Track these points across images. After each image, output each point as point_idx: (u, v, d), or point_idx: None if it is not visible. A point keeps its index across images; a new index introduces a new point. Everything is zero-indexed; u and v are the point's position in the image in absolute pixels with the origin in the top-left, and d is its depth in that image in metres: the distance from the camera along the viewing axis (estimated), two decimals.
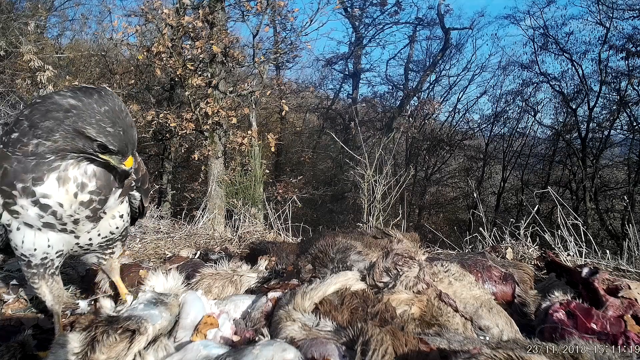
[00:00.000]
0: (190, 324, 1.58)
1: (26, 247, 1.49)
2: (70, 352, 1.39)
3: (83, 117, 1.28)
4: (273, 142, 8.33)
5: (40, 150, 1.31)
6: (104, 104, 1.30)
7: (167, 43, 7.78)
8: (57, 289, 1.69)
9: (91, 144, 1.32)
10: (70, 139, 1.31)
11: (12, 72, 10.18)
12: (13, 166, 1.32)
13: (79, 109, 1.28)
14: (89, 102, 1.29)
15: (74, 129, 1.29)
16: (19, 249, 1.50)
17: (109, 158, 1.37)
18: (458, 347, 1.34)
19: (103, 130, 1.29)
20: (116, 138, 1.32)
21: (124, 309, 1.57)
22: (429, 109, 19.22)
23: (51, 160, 1.34)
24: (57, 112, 1.28)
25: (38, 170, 1.33)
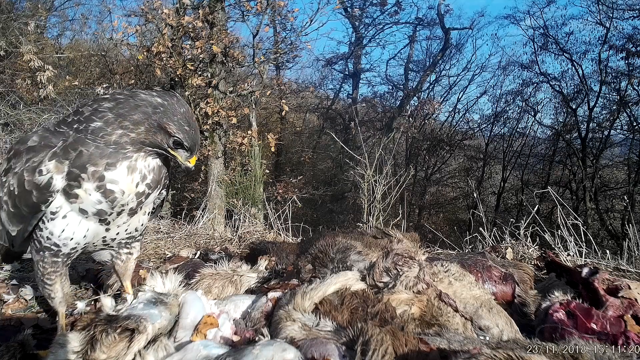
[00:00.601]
0: (190, 323, 1.58)
1: (64, 236, 1.55)
2: (70, 351, 1.39)
3: (168, 114, 1.45)
4: (273, 142, 8.32)
5: (123, 141, 1.43)
6: (182, 106, 1.49)
7: (167, 43, 7.77)
8: (67, 286, 1.74)
9: (168, 139, 1.47)
10: (153, 133, 1.45)
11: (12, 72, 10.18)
12: (90, 150, 1.42)
13: (165, 107, 1.45)
14: (172, 103, 1.47)
15: (158, 124, 1.44)
16: (52, 237, 1.55)
17: (177, 154, 1.53)
18: (458, 347, 1.34)
19: (182, 127, 1.47)
20: (190, 136, 1.49)
21: (123, 308, 1.57)
22: (429, 109, 19.21)
23: (128, 151, 1.46)
24: (146, 108, 1.44)
25: (113, 158, 1.44)
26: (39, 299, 2.26)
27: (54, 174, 1.44)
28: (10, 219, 1.58)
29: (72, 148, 1.43)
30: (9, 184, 1.53)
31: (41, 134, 1.52)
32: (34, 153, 1.47)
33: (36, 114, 8.85)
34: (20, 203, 1.50)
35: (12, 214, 1.56)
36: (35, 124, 8.05)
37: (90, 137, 1.43)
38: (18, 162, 1.50)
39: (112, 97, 1.48)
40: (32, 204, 1.48)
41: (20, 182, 1.48)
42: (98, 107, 1.46)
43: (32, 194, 1.46)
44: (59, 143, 1.45)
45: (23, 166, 1.48)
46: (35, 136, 1.51)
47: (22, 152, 1.50)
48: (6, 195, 1.54)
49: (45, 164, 1.44)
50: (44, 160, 1.45)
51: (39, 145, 1.48)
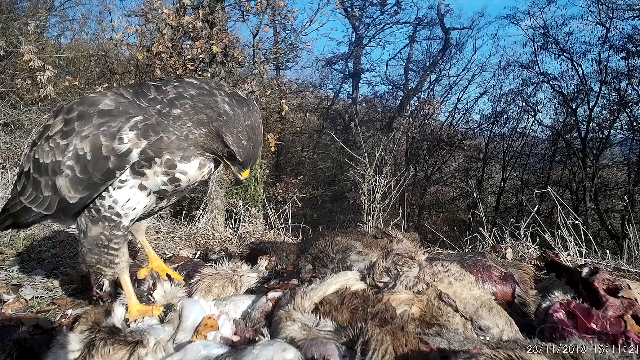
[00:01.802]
0: (191, 326, 1.58)
1: (127, 205, 1.57)
2: (70, 352, 1.39)
3: (228, 125, 1.46)
4: (273, 142, 8.32)
5: (190, 138, 1.48)
6: (248, 118, 1.48)
7: (167, 43, 7.77)
8: (127, 253, 1.76)
9: (224, 148, 1.50)
10: (211, 139, 1.49)
11: (12, 72, 10.18)
12: (171, 139, 1.46)
13: (228, 116, 1.46)
14: (238, 114, 1.47)
15: (217, 131, 1.47)
16: (115, 206, 1.56)
17: (231, 165, 1.57)
18: (458, 347, 1.34)
19: (239, 141, 1.47)
20: (246, 151, 1.50)
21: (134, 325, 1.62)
22: (429, 109, 19.23)
23: (196, 152, 1.51)
24: (212, 112, 1.46)
25: (189, 152, 1.50)
26: (38, 299, 2.26)
27: (133, 145, 1.44)
28: (74, 185, 1.51)
29: (153, 130, 1.44)
30: (75, 149, 1.47)
31: (114, 98, 1.49)
32: (111, 117, 1.45)
33: (36, 114, 8.85)
34: (94, 169, 1.46)
35: (78, 180, 1.49)
36: (35, 124, 8.05)
37: (171, 125, 1.45)
38: (86, 125, 1.46)
39: (198, 85, 1.50)
40: (108, 170, 1.46)
41: (96, 147, 1.44)
42: (183, 92, 1.48)
43: (109, 159, 1.44)
44: (139, 117, 1.44)
45: (97, 130, 1.44)
46: (107, 99, 1.48)
47: (92, 114, 1.46)
48: (71, 160, 1.49)
49: (126, 132, 1.43)
50: (124, 127, 1.43)
51: (116, 110, 1.46)
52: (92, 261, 1.67)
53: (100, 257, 1.66)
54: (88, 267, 1.71)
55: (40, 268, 2.69)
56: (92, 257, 1.66)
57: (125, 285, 1.76)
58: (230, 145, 1.47)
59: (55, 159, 1.53)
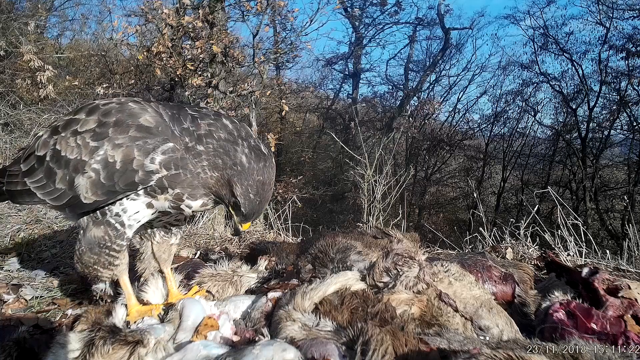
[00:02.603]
0: (191, 325, 1.58)
1: (134, 217, 1.62)
2: (70, 352, 1.39)
3: (241, 176, 1.49)
4: (273, 142, 8.32)
5: (202, 177, 1.52)
6: (261, 174, 1.52)
7: (167, 43, 7.77)
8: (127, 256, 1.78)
9: (231, 197, 1.53)
10: (220, 185, 1.53)
11: (12, 72, 10.17)
12: (187, 176, 1.52)
13: (243, 167, 1.50)
14: (253, 168, 1.51)
15: (228, 179, 1.51)
16: (122, 215, 1.60)
17: (234, 214, 1.59)
18: (458, 347, 1.34)
19: (247, 194, 1.51)
20: (251, 205, 1.53)
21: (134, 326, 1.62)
22: (429, 109, 19.21)
23: (204, 192, 1.56)
24: (228, 159, 1.50)
25: (196, 191, 1.55)
26: (38, 299, 2.26)
27: (158, 168, 1.48)
28: (94, 188, 1.51)
29: (175, 164, 1.49)
30: (105, 154, 1.48)
31: (154, 116, 1.51)
32: (149, 135, 1.47)
33: (36, 114, 8.85)
34: (120, 178, 1.47)
35: (100, 185, 1.50)
36: (35, 124, 8.05)
37: (191, 161, 1.50)
38: (122, 134, 1.47)
39: (230, 129, 1.55)
40: (132, 183, 1.48)
41: (127, 159, 1.46)
42: (213, 132, 1.52)
43: (137, 173, 1.47)
44: (171, 144, 1.48)
45: (132, 142, 1.46)
46: (147, 115, 1.50)
47: (130, 126, 1.48)
48: (99, 164, 1.49)
49: (157, 154, 1.47)
50: (158, 148, 1.47)
51: (155, 129, 1.48)
52: (90, 261, 1.66)
53: (100, 257, 1.65)
54: (84, 267, 1.69)
55: (40, 268, 2.69)
56: (90, 257, 1.65)
57: (124, 286, 1.75)
58: (237, 195, 1.50)
59: (81, 158, 1.52)
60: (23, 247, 2.96)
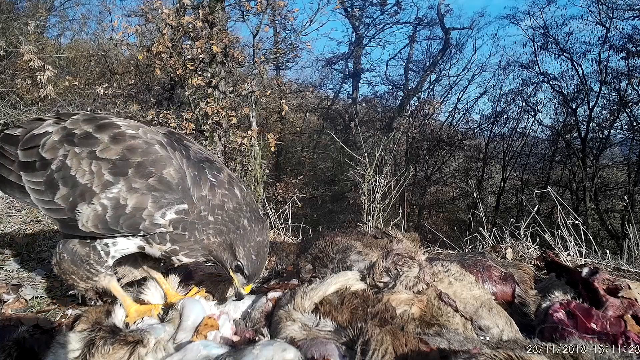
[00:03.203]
0: (191, 325, 1.58)
1: (121, 251, 1.63)
2: (70, 352, 1.39)
3: (243, 239, 1.53)
4: (273, 142, 8.32)
5: (204, 243, 1.55)
6: (260, 235, 1.56)
7: (167, 43, 7.77)
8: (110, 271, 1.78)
9: (232, 260, 1.55)
10: (222, 249, 1.55)
11: (12, 72, 10.17)
12: (190, 240, 1.54)
13: (246, 231, 1.53)
14: (253, 230, 1.54)
15: (231, 243, 1.53)
16: (110, 247, 1.60)
17: (235, 277, 1.60)
18: (458, 347, 1.34)
19: (249, 256, 1.54)
20: (254, 266, 1.56)
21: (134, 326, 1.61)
22: (429, 109, 19.21)
23: (201, 254, 1.59)
24: (232, 225, 1.53)
25: (193, 253, 1.58)
26: (38, 299, 2.26)
27: (167, 225, 1.49)
28: (95, 221, 1.48)
29: (183, 227, 1.51)
30: (119, 194, 1.45)
31: (178, 170, 1.50)
32: (168, 190, 1.47)
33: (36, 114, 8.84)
34: (125, 221, 1.46)
35: (103, 220, 1.47)
36: None
37: (199, 229, 1.52)
38: (141, 179, 1.45)
39: (239, 198, 1.58)
40: (136, 229, 1.49)
41: (139, 206, 1.45)
42: (225, 203, 1.54)
43: (144, 222, 1.47)
44: (185, 206, 1.49)
45: (148, 192, 1.45)
46: (172, 169, 1.49)
47: (152, 174, 1.46)
48: (109, 201, 1.45)
49: (170, 212, 1.48)
50: (173, 206, 1.48)
51: (176, 187, 1.48)
52: (68, 270, 1.64)
53: (79, 269, 1.63)
54: (61, 272, 1.66)
55: (40, 268, 2.69)
56: (70, 266, 1.63)
57: (116, 291, 1.72)
58: (240, 258, 1.54)
59: (92, 187, 1.47)
60: (23, 247, 2.96)
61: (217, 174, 1.60)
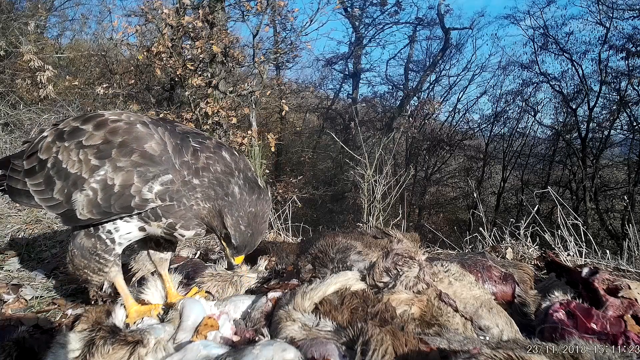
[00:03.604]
0: (191, 325, 1.58)
1: (125, 236, 1.64)
2: (70, 352, 1.39)
3: (232, 207, 1.48)
4: (273, 142, 8.32)
5: (194, 209, 1.53)
6: (254, 206, 1.51)
7: (167, 43, 7.77)
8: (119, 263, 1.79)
9: (222, 229, 1.52)
10: (212, 216, 1.52)
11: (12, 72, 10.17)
12: (180, 209, 1.52)
13: (235, 199, 1.49)
14: (245, 199, 1.49)
15: (219, 211, 1.50)
16: (114, 233, 1.62)
17: (226, 247, 1.57)
18: (458, 347, 1.34)
19: (237, 226, 1.49)
20: (242, 236, 1.51)
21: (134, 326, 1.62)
22: (429, 109, 19.21)
23: (196, 222, 1.57)
24: (221, 190, 1.50)
25: (188, 222, 1.56)
26: (38, 299, 2.26)
27: (153, 198, 1.48)
28: (90, 206, 1.51)
29: (170, 196, 1.49)
30: (105, 175, 1.48)
31: (160, 144, 1.50)
32: (151, 163, 1.47)
33: (36, 114, 8.85)
34: (116, 201, 1.48)
35: (96, 204, 1.50)
36: (35, 124, 8.05)
37: (185, 194, 1.50)
38: (125, 157, 1.47)
39: (228, 162, 1.56)
40: (128, 207, 1.49)
41: (126, 183, 1.46)
42: (211, 165, 1.52)
43: (133, 198, 1.47)
44: (170, 176, 1.48)
45: (133, 168, 1.46)
46: (153, 142, 1.50)
47: (134, 150, 1.48)
48: (98, 184, 1.49)
49: (156, 185, 1.47)
50: (158, 178, 1.47)
51: (158, 158, 1.48)
52: (80, 264, 1.67)
53: (90, 262, 1.66)
54: (75, 268, 1.70)
55: (40, 268, 2.69)
56: (81, 261, 1.67)
57: (120, 288, 1.74)
58: (228, 227, 1.50)
59: (81, 174, 1.52)
60: (23, 247, 2.96)
61: (202, 141, 1.61)
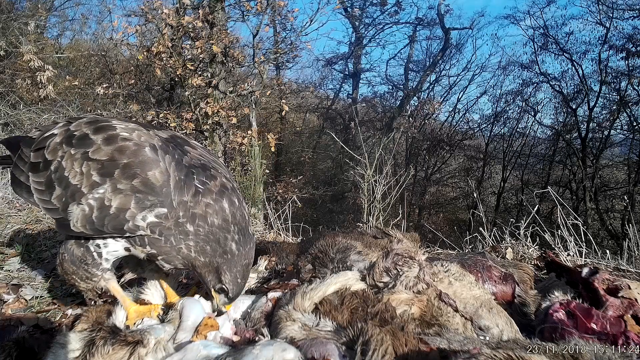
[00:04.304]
0: (191, 325, 1.58)
1: (112, 253, 1.64)
2: (70, 352, 1.39)
3: (230, 264, 1.50)
4: (273, 142, 8.32)
5: (183, 253, 1.51)
6: (246, 258, 1.53)
7: (167, 43, 7.77)
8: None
9: (217, 283, 1.52)
10: (207, 271, 1.52)
11: (12, 72, 10.18)
12: (166, 246, 1.51)
13: (233, 255, 1.50)
14: (241, 253, 1.51)
15: (216, 268, 1.50)
16: (102, 249, 1.62)
17: (217, 297, 1.57)
18: (458, 347, 1.34)
19: (235, 280, 1.51)
20: (238, 288, 1.54)
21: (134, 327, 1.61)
22: (429, 109, 19.22)
23: (179, 262, 1.55)
24: (218, 247, 1.49)
25: (171, 258, 1.54)
26: (39, 299, 2.26)
27: (145, 227, 1.48)
28: (84, 221, 1.52)
29: (159, 232, 1.49)
30: (104, 195, 1.47)
31: (164, 173, 1.48)
32: (151, 193, 1.47)
33: (36, 114, 8.86)
34: (110, 222, 1.48)
35: (90, 220, 1.51)
36: (35, 124, 8.05)
37: (176, 236, 1.49)
38: (126, 180, 1.46)
39: (228, 211, 1.52)
40: (121, 229, 1.49)
41: (123, 207, 1.46)
42: (209, 215, 1.49)
43: (127, 222, 1.47)
44: (165, 210, 1.47)
45: (132, 193, 1.46)
46: (157, 171, 1.48)
47: (137, 175, 1.47)
48: (95, 201, 1.49)
49: (151, 216, 1.47)
50: (154, 209, 1.47)
51: (159, 189, 1.47)
52: (69, 269, 1.68)
53: (79, 270, 1.67)
54: (64, 272, 1.70)
55: (40, 268, 2.69)
56: (70, 266, 1.67)
57: (116, 292, 1.74)
58: (226, 283, 1.51)
59: (81, 187, 1.51)
60: (23, 247, 2.96)
61: (206, 181, 1.55)
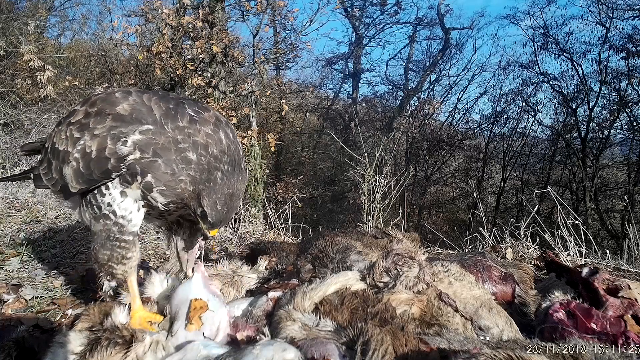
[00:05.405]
0: (178, 306, 1.59)
1: (123, 205, 1.62)
2: (70, 352, 1.39)
3: (210, 190, 1.52)
4: (273, 142, 8.31)
5: (181, 187, 1.54)
6: (230, 187, 1.55)
7: (167, 43, 7.77)
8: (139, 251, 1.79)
9: (197, 208, 1.56)
10: (189, 196, 1.55)
11: (12, 72, 10.17)
12: (167, 172, 1.51)
13: (215, 183, 1.52)
14: (224, 183, 1.53)
15: (198, 194, 1.54)
16: (113, 205, 1.61)
17: (202, 222, 1.61)
18: (458, 347, 1.34)
19: (214, 206, 1.53)
20: (218, 214, 1.55)
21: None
22: (429, 109, 19.21)
23: (175, 195, 1.56)
24: (205, 175, 1.51)
25: (170, 191, 1.55)
26: (38, 299, 2.26)
27: (132, 150, 1.49)
28: (76, 177, 1.59)
29: (154, 149, 1.49)
30: (85, 144, 1.54)
31: (132, 103, 1.53)
32: (122, 124, 1.50)
33: (36, 114, 8.86)
34: (95, 166, 1.53)
35: (80, 173, 1.57)
36: (35, 124, 8.05)
37: (177, 164, 1.50)
38: (100, 124, 1.52)
39: (223, 144, 1.55)
40: (106, 170, 1.52)
41: (101, 148, 1.51)
42: (210, 145, 1.52)
43: (109, 161, 1.50)
44: (149, 126, 1.48)
45: (107, 132, 1.50)
46: (125, 103, 1.53)
47: (108, 115, 1.52)
48: (78, 153, 1.56)
49: (131, 138, 1.48)
50: (130, 134, 1.48)
51: (129, 117, 1.51)
52: (104, 258, 1.67)
53: (113, 252, 1.66)
54: (100, 266, 1.72)
55: (40, 268, 2.69)
56: (104, 254, 1.66)
57: (131, 287, 1.73)
58: (205, 206, 1.54)
59: (67, 149, 1.61)
60: (23, 247, 2.96)
61: (199, 111, 1.60)
